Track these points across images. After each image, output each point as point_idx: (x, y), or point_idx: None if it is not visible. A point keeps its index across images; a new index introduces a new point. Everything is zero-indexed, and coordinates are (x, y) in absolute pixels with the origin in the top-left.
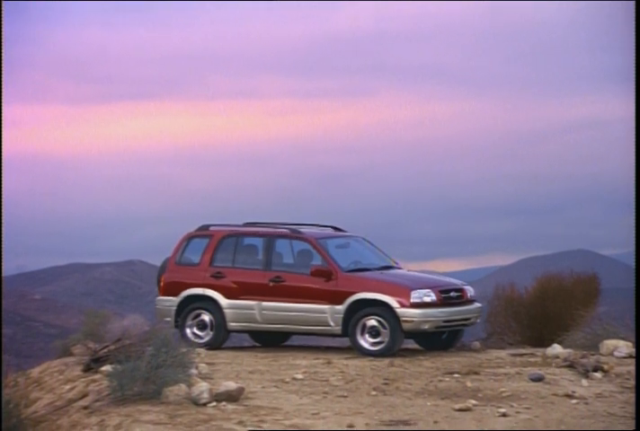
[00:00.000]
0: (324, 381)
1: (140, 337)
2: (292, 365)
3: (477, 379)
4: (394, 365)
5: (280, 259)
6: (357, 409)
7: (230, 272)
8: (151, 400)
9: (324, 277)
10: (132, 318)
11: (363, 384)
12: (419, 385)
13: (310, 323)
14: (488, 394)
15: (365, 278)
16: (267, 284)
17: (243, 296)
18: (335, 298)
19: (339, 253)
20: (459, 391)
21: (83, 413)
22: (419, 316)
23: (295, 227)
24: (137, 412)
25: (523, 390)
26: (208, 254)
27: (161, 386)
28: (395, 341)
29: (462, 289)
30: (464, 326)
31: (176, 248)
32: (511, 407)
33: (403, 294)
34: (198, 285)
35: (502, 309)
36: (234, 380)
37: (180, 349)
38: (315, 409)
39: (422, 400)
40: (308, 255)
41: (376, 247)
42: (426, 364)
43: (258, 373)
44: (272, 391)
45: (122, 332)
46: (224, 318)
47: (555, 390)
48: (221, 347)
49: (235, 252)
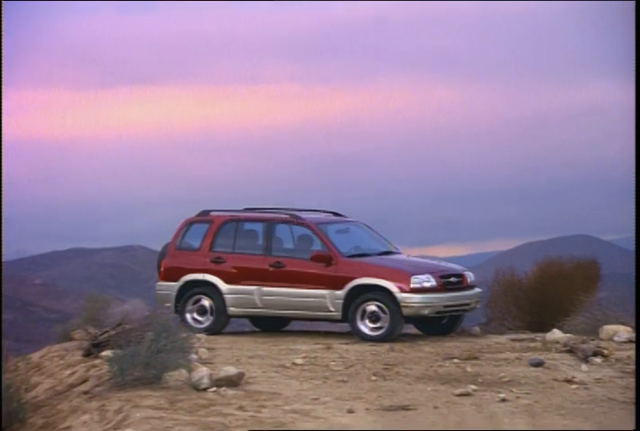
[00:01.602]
0: (324, 366)
1: (140, 322)
2: (292, 350)
3: (477, 364)
4: (394, 350)
5: (280, 244)
6: (357, 394)
7: (230, 257)
8: (151, 385)
9: (324, 262)
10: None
11: (363, 369)
12: (419, 370)
13: (310, 308)
14: (488, 379)
15: (365, 263)
16: (267, 269)
17: (243, 281)
18: (335, 283)
19: (339, 238)
20: (459, 377)
21: (83, 398)
22: (419, 301)
23: (295, 212)
24: (138, 397)
25: (523, 375)
26: (208, 239)
27: (161, 371)
28: (395, 326)
29: (462, 274)
30: (464, 311)
31: (176, 233)
32: (511, 392)
33: (403, 279)
34: (198, 270)
35: (502, 294)
36: (234, 365)
37: (180, 334)
38: (315, 394)
39: (422, 386)
40: (308, 240)
41: (376, 232)
42: (426, 349)
43: (258, 358)
44: (272, 376)
45: (122, 317)
46: (224, 303)
47: (555, 375)
48: (221, 332)
49: (235, 237)
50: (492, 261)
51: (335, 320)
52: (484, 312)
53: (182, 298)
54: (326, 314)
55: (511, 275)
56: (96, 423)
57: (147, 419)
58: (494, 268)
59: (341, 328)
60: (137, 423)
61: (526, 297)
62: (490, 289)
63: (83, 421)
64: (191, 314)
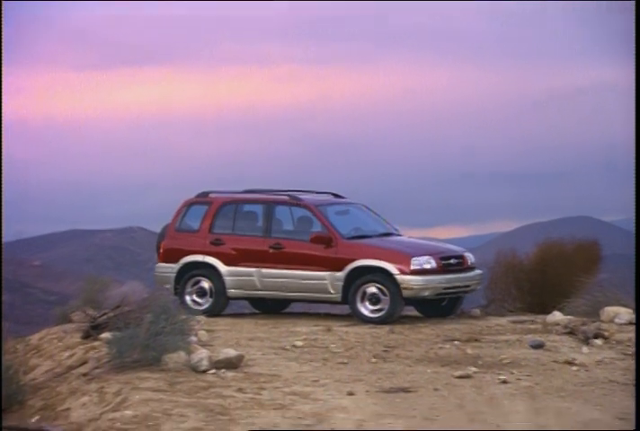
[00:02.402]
0: (323, 348)
1: (139, 304)
2: (292, 332)
3: (477, 346)
4: (394, 332)
5: (279, 225)
6: (357, 377)
7: (230, 239)
8: (150, 368)
9: (323, 243)
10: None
11: (363, 351)
12: (419, 352)
13: (310, 290)
14: (488, 361)
15: (365, 245)
16: (267, 250)
17: (242, 263)
18: (335, 265)
19: (339, 220)
20: (459, 359)
21: (82, 380)
22: (419, 283)
23: (294, 194)
24: (137, 379)
25: (523, 357)
26: (207, 221)
27: (160, 353)
28: (395, 308)
29: (462, 256)
30: (464, 293)
31: (176, 214)
32: (512, 374)
33: (403, 260)
34: (197, 251)
35: (502, 276)
36: (233, 347)
37: (179, 316)
38: (315, 376)
39: (423, 368)
40: (308, 222)
41: (376, 213)
42: (426, 331)
43: (257, 340)
44: (272, 358)
45: (121, 299)
46: (223, 285)
47: (556, 357)
48: (221, 314)
49: (234, 219)
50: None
51: (335, 302)
52: (485, 293)
53: (182, 280)
54: (326, 296)
55: (512, 256)
56: (95, 405)
57: (146, 401)
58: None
59: (341, 310)
60: (136, 405)
61: (527, 279)
62: (490, 271)
63: (82, 403)
64: (190, 296)
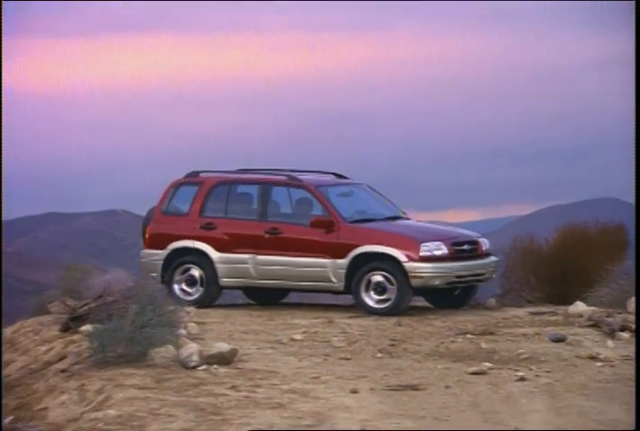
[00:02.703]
0: (324, 342)
1: (124, 293)
2: (290, 325)
3: (493, 340)
4: (401, 324)
5: (276, 208)
6: (361, 373)
7: (222, 223)
8: (135, 363)
9: (324, 228)
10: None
11: (368, 346)
12: (429, 347)
13: (310, 279)
14: (504, 356)
15: (370, 230)
16: (262, 236)
17: (236, 249)
18: (337, 251)
19: (341, 202)
20: (473, 353)
21: (60, 377)
22: (429, 271)
23: (293, 174)
24: (121, 376)
25: (543, 351)
26: (197, 203)
27: (146, 347)
28: (402, 298)
29: (476, 241)
30: (478, 282)
31: (163, 196)
32: (530, 370)
33: (411, 246)
34: (187, 236)
35: (520, 263)
36: (226, 341)
37: (167, 307)
38: (316, 372)
39: (432, 363)
40: (308, 204)
41: (382, 195)
42: (437, 323)
43: (253, 333)
44: (268, 353)
45: (104, 288)
46: (215, 273)
47: (578, 351)
48: (212, 304)
49: (227, 201)
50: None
51: (337, 291)
52: (501, 282)
53: (170, 267)
54: (327, 285)
55: (530, 242)
56: (75, 404)
57: (131, 400)
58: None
59: (343, 300)
60: (120, 404)
61: (546, 266)
62: (507, 257)
63: (60, 402)
64: (179, 285)
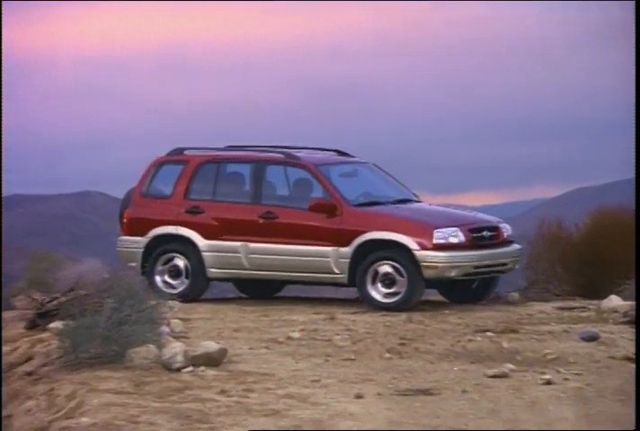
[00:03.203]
0: (326, 341)
1: (99, 286)
2: (287, 322)
3: (516, 338)
4: (412, 320)
5: (271, 190)
6: (367, 376)
7: (210, 206)
8: (112, 365)
9: (326, 212)
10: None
11: (374, 345)
12: (443, 346)
13: (309, 270)
14: (529, 357)
15: (377, 214)
16: (256, 221)
17: (225, 236)
18: (340, 238)
19: (344, 183)
20: (493, 354)
21: (27, 380)
22: (443, 260)
23: (290, 151)
24: (95, 379)
25: (572, 351)
26: (182, 184)
27: (124, 347)
28: (413, 292)
29: (497, 227)
30: (499, 273)
31: (143, 176)
32: (558, 372)
33: (424, 233)
34: (170, 222)
35: (546, 251)
36: (215, 339)
37: (148, 302)
38: (315, 375)
39: (448, 365)
40: (307, 185)
41: (390, 175)
42: (452, 320)
43: (245, 330)
44: (262, 354)
45: (76, 280)
46: (202, 263)
47: (612, 351)
48: (199, 298)
49: (215, 182)
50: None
51: (340, 284)
52: (524, 273)
53: (151, 257)
54: (329, 277)
55: (558, 227)
56: (43, 411)
57: (107, 406)
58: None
59: (347, 294)
60: (95, 411)
61: (576, 255)
62: (531, 245)
63: (26, 409)
64: (161, 277)
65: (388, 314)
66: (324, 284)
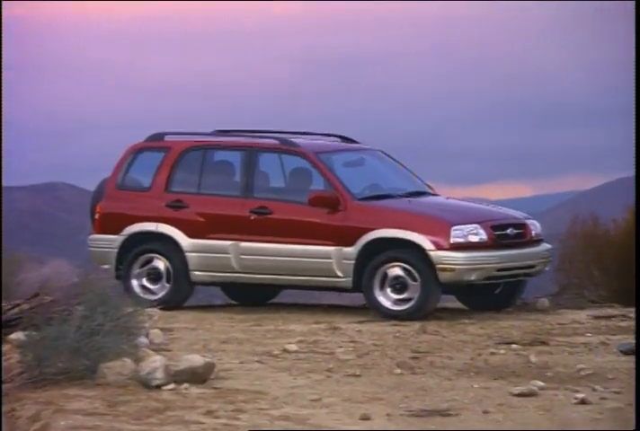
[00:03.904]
0: (327, 354)
1: (67, 291)
2: (282, 332)
3: (545, 351)
4: (426, 331)
5: (265, 181)
6: (374, 394)
7: (195, 200)
8: (82, 381)
9: (327, 206)
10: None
11: (383, 359)
12: (462, 360)
13: (308, 273)
14: (560, 373)
15: (386, 209)
16: (247, 217)
17: (213, 234)
18: (344, 237)
19: (349, 173)
20: (519, 369)
21: None
22: (462, 262)
23: (286, 137)
24: (63, 398)
25: (611, 366)
26: (163, 175)
27: (96, 361)
28: (427, 298)
29: (524, 224)
30: (526, 276)
31: (118, 165)
32: (594, 391)
33: (439, 230)
34: (149, 218)
35: (580, 252)
36: (200, 352)
37: (123, 309)
38: (316, 393)
39: (467, 382)
40: (305, 176)
41: (401, 165)
42: (472, 330)
43: (234, 342)
44: (255, 369)
45: (41, 284)
46: (186, 265)
47: None
48: (182, 305)
49: (201, 172)
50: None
51: (344, 288)
52: (556, 277)
53: (127, 258)
54: (331, 281)
55: (594, 224)
56: None
57: (76, 430)
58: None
59: (351, 300)
60: None
61: (614, 256)
62: (563, 245)
63: None
64: (139, 281)
65: (399, 324)
66: (325, 289)
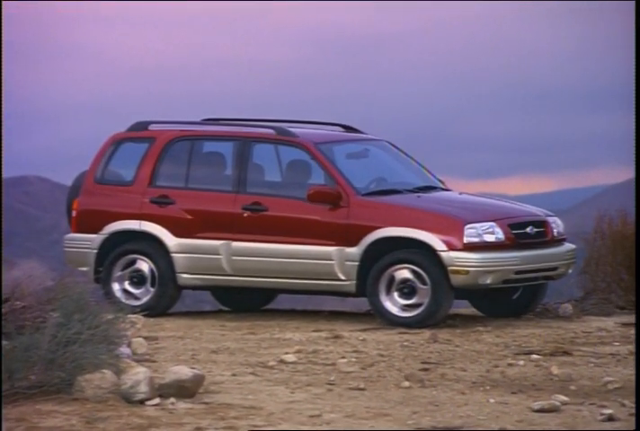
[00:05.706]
0: (328, 365)
1: (40, 296)
2: (279, 341)
3: (569, 362)
4: (437, 340)
5: (259, 175)
6: (380, 409)
7: (182, 196)
8: (57, 396)
9: (328, 202)
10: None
11: (390, 371)
12: (477, 372)
13: (307, 275)
14: (585, 386)
15: (393, 205)
16: (240, 214)
17: (202, 233)
18: (347, 236)
19: (352, 166)
20: (540, 382)
21: None
22: (477, 264)
23: (283, 126)
24: (36, 414)
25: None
26: (147, 167)
27: (73, 374)
28: (439, 303)
29: (545, 222)
30: (547, 279)
31: (97, 157)
32: (622, 406)
33: (452, 229)
34: (131, 215)
35: (608, 253)
36: (188, 363)
37: (103, 316)
38: (316, 408)
39: (482, 395)
40: (304, 169)
41: (409, 157)
42: (488, 339)
43: (226, 352)
44: (248, 381)
45: (12, 289)
46: (172, 267)
47: None
48: (168, 311)
49: (189, 165)
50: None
51: (346, 293)
52: (580, 280)
53: (107, 259)
54: (332, 285)
55: (623, 222)
56: None
57: None
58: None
59: (355, 306)
60: None
61: None
62: (590, 245)
63: None
64: (120, 285)
65: (407, 332)
66: (325, 293)
